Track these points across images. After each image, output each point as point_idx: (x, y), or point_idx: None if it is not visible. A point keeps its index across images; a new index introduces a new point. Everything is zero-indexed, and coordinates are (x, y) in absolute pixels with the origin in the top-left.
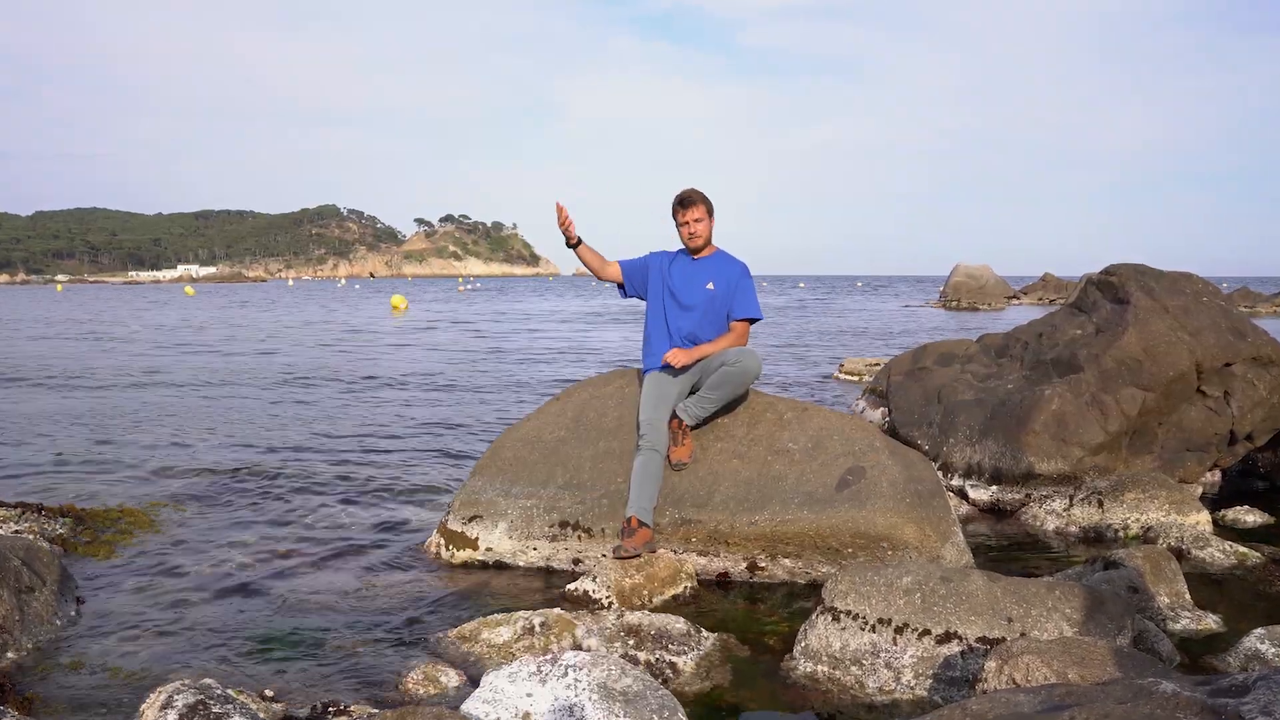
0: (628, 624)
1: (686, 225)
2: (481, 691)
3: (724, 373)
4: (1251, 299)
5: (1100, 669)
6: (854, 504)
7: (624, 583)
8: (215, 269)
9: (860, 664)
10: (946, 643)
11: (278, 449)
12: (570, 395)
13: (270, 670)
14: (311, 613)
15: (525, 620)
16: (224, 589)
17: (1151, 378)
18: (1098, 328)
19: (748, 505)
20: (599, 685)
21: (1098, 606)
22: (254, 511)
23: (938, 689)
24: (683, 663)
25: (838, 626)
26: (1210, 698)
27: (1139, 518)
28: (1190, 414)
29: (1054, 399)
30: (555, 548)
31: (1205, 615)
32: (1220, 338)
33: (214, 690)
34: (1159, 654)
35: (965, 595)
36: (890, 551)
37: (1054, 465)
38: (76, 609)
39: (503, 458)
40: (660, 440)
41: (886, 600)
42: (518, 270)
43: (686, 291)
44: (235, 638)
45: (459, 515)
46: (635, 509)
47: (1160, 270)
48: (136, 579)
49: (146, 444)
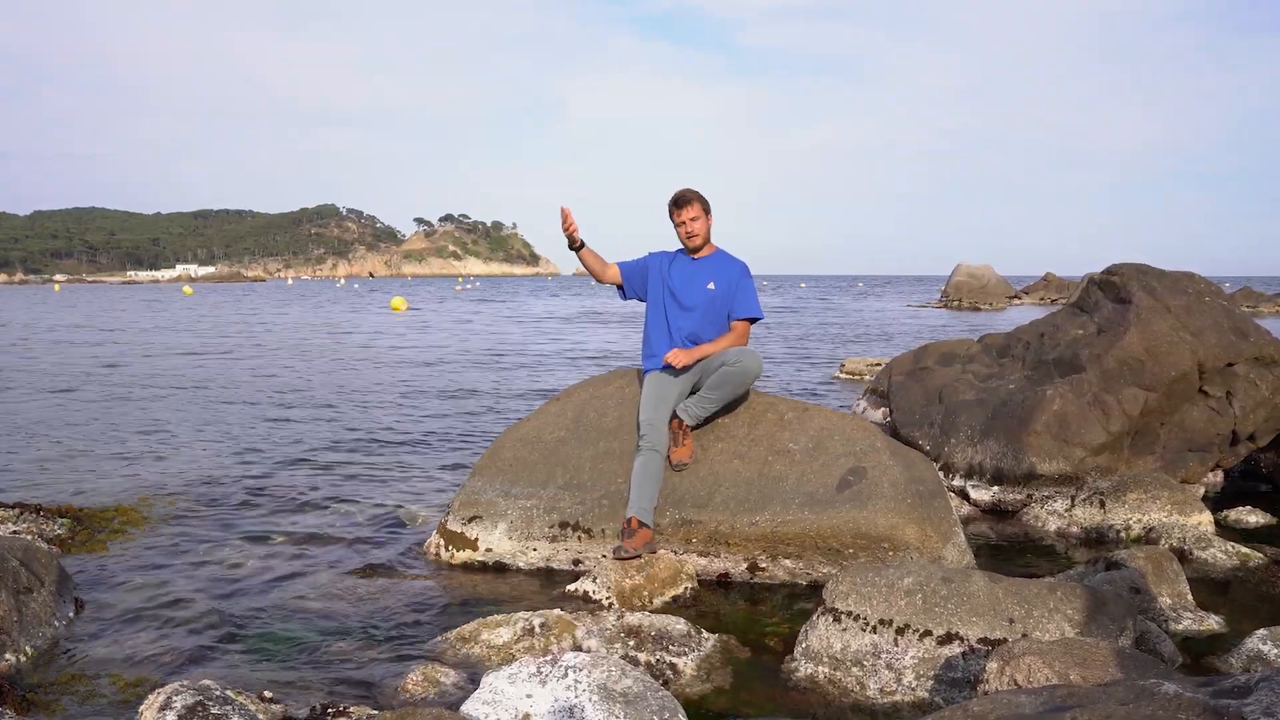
0: (628, 625)
1: (684, 225)
2: (481, 692)
3: (724, 373)
4: (1254, 298)
5: (1102, 670)
6: (855, 504)
7: (624, 584)
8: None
9: (861, 665)
10: (948, 644)
11: (277, 450)
12: (570, 395)
13: (269, 671)
14: (310, 613)
15: (525, 621)
16: (222, 590)
17: (1153, 378)
18: (1099, 327)
19: (748, 506)
20: (599, 686)
21: (1099, 607)
22: (253, 512)
23: (939, 690)
24: (683, 664)
25: (839, 627)
26: (1212, 699)
27: (1141, 518)
28: (1192, 414)
29: (1056, 399)
30: (555, 548)
31: (1207, 616)
32: (1222, 337)
33: (213, 691)
34: (1161, 655)
35: (967, 596)
36: (891, 552)
37: (1056, 465)
38: (75, 610)
39: (502, 458)
40: (661, 440)
41: (888, 601)
42: (517, 270)
43: (687, 292)
44: (234, 639)
45: (458, 516)
46: (635, 509)
47: (1162, 270)
48: (135, 580)
49: (146, 445)
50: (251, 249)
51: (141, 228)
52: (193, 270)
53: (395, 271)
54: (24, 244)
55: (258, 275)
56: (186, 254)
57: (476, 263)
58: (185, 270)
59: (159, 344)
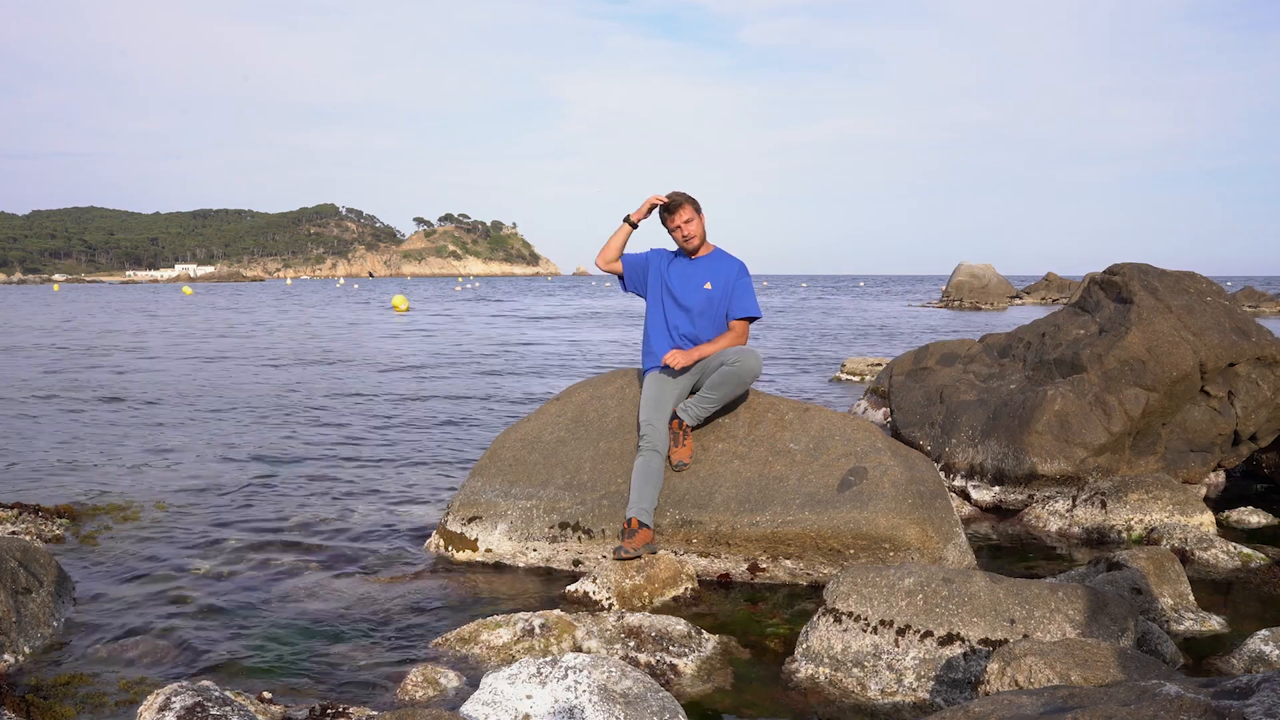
0: (628, 626)
1: (679, 229)
2: (481, 693)
3: (724, 372)
4: (1256, 298)
5: (1103, 671)
6: (856, 505)
7: (624, 584)
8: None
9: (862, 666)
10: (949, 644)
11: (275, 450)
12: (570, 395)
13: (268, 672)
14: (309, 614)
15: (525, 622)
16: (222, 590)
17: (1155, 378)
18: (1101, 327)
19: (749, 506)
20: (599, 687)
21: (1101, 608)
22: (252, 512)
23: (940, 691)
24: (683, 665)
25: (839, 628)
26: (1214, 700)
27: (1142, 519)
28: (1194, 415)
29: (1057, 399)
30: (555, 549)
31: (1209, 617)
32: (1224, 337)
33: (212, 692)
34: (1162, 656)
35: (968, 597)
36: (892, 553)
37: (1057, 466)
38: (74, 610)
39: (502, 458)
40: (661, 441)
41: (888, 602)
42: (517, 269)
43: (685, 292)
44: (233, 639)
45: (458, 516)
46: (636, 510)
47: (1164, 269)
48: (134, 580)
49: (145, 445)
50: (250, 249)
51: (140, 227)
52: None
53: (394, 271)
54: (22, 244)
55: (256, 275)
56: (185, 254)
57: (476, 262)
58: (184, 270)
59: (157, 347)
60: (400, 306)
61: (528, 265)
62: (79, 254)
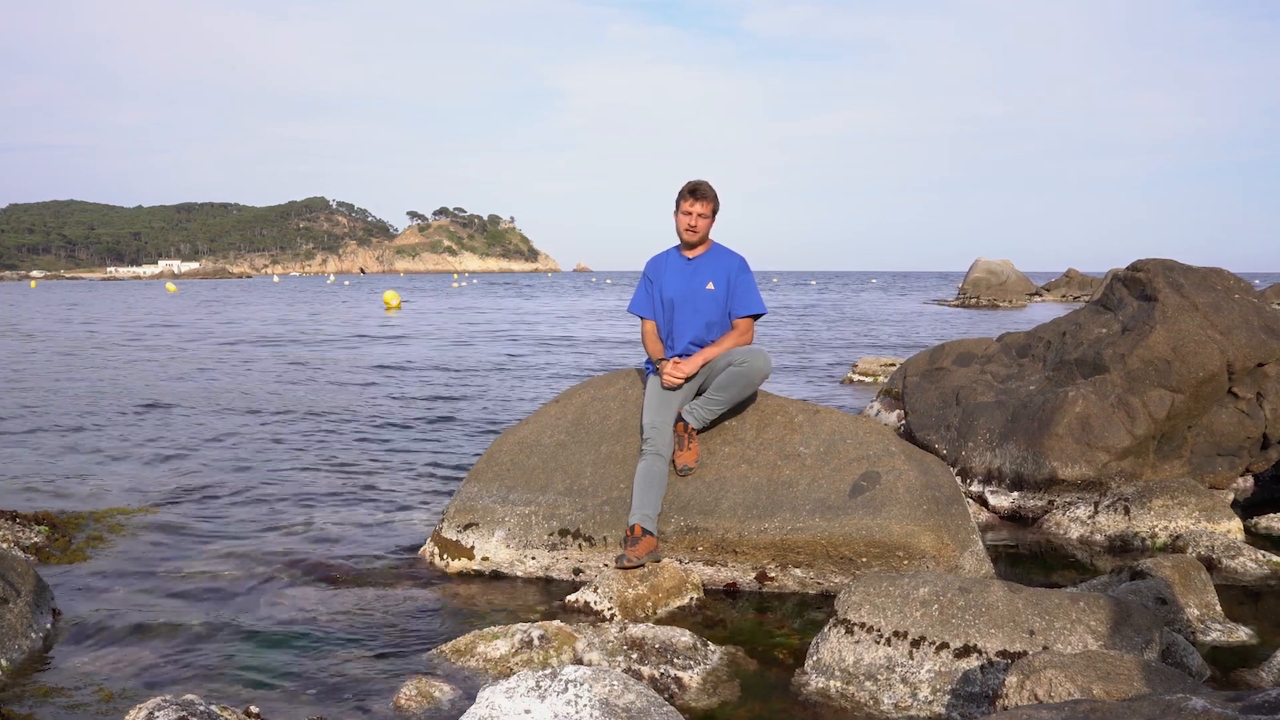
0: (631, 637)
1: (689, 216)
2: (477, 708)
3: (731, 373)
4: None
5: (1127, 684)
6: (868, 511)
7: (627, 593)
8: (198, 265)
9: (875, 679)
10: (965, 657)
11: (264, 455)
12: (570, 397)
13: (256, 685)
14: (299, 625)
15: (523, 633)
16: (207, 600)
17: (1180, 379)
18: (1124, 326)
19: (757, 512)
20: (601, 701)
21: (1124, 619)
22: (239, 519)
23: (956, 705)
24: (689, 677)
25: (851, 639)
26: (1242, 714)
27: (1167, 525)
28: (1221, 417)
29: (1078, 401)
30: (555, 557)
31: (1237, 627)
32: (1253, 337)
33: (197, 706)
34: (1188, 668)
35: (985, 607)
36: (906, 561)
37: (1078, 470)
38: (53, 621)
39: (499, 462)
40: (665, 444)
41: (902, 612)
42: (515, 266)
43: (684, 293)
44: (219, 651)
45: (454, 523)
46: (639, 516)
47: (1190, 266)
48: (115, 589)
49: (127, 448)
50: (237, 244)
51: (122, 221)
52: (176, 266)
53: (388, 268)
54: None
55: (243, 271)
56: (169, 249)
57: (473, 258)
58: (168, 266)
59: (144, 345)
60: (391, 304)
61: (526, 261)
62: (58, 249)
